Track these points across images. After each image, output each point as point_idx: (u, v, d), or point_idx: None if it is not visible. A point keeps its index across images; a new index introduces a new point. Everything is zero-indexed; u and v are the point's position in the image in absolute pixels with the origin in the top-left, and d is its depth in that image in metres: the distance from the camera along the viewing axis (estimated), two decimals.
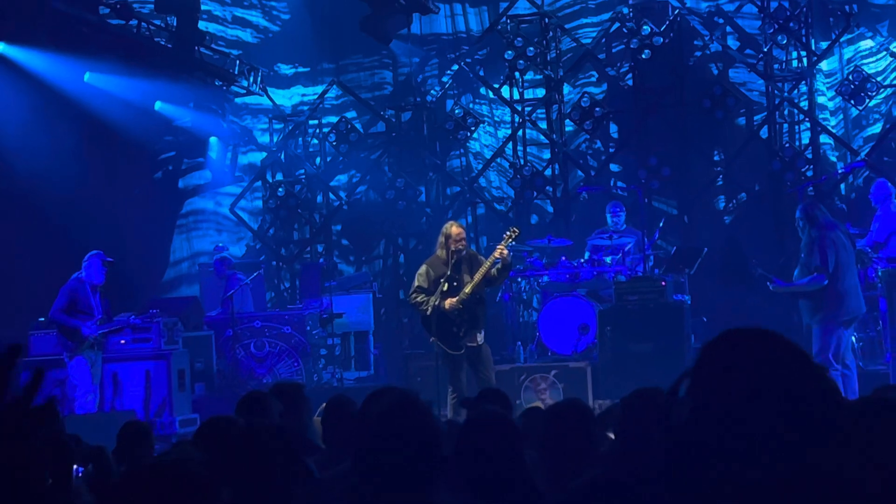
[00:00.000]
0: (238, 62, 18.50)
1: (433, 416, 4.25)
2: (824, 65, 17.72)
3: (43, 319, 14.35)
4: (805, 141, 17.70)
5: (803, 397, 2.26)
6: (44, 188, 16.11)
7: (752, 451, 2.22)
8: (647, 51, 17.48)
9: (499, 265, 11.91)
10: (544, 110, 18.64)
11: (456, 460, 4.40)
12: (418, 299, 11.99)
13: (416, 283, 12.09)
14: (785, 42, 17.42)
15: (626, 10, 18.02)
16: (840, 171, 17.46)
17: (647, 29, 17.48)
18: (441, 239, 12.04)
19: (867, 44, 17.58)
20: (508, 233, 12.23)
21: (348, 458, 4.46)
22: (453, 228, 12.06)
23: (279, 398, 6.60)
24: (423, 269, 12.13)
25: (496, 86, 18.71)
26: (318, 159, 19.55)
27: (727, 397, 2.26)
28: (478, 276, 11.84)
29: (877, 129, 17.56)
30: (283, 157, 19.55)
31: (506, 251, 11.89)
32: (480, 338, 11.98)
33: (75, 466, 5.82)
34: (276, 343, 16.21)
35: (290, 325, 16.28)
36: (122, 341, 14.48)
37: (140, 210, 18.60)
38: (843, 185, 17.65)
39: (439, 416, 10.33)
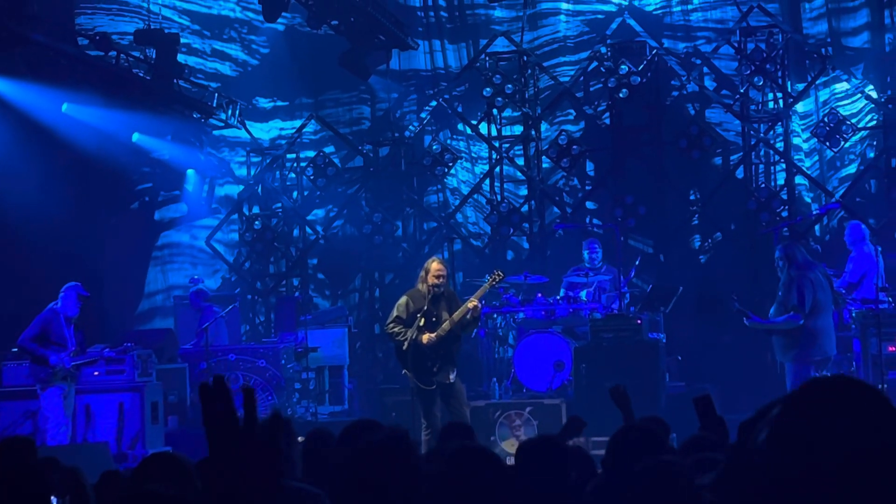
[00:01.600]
0: (216, 95, 18.51)
1: (416, 456, 4.21)
2: (800, 106, 17.86)
3: (16, 350, 14.25)
4: (780, 181, 17.81)
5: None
6: (20, 217, 16.06)
7: None
8: (624, 90, 17.56)
9: (468, 317, 11.96)
10: (522, 147, 18.70)
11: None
12: (395, 329, 12.00)
13: (394, 314, 12.09)
14: (761, 83, 17.55)
15: (604, 50, 18.12)
16: (815, 213, 17.58)
17: (624, 68, 17.57)
18: (422, 273, 12.09)
19: (843, 86, 17.74)
20: (493, 276, 12.29)
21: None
22: (433, 264, 12.09)
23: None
24: (403, 299, 12.14)
25: (474, 122, 18.77)
26: (295, 193, 19.54)
27: (811, 457, 2.16)
28: (458, 315, 11.89)
29: (851, 169, 17.69)
30: (260, 190, 19.53)
31: (479, 306, 11.98)
32: (453, 376, 11.97)
33: (53, 498, 5.78)
34: (251, 376, 16.13)
35: (265, 359, 16.22)
36: (96, 373, 14.40)
37: (116, 241, 18.55)
38: (817, 226, 17.76)
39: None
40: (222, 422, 2.28)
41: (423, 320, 11.86)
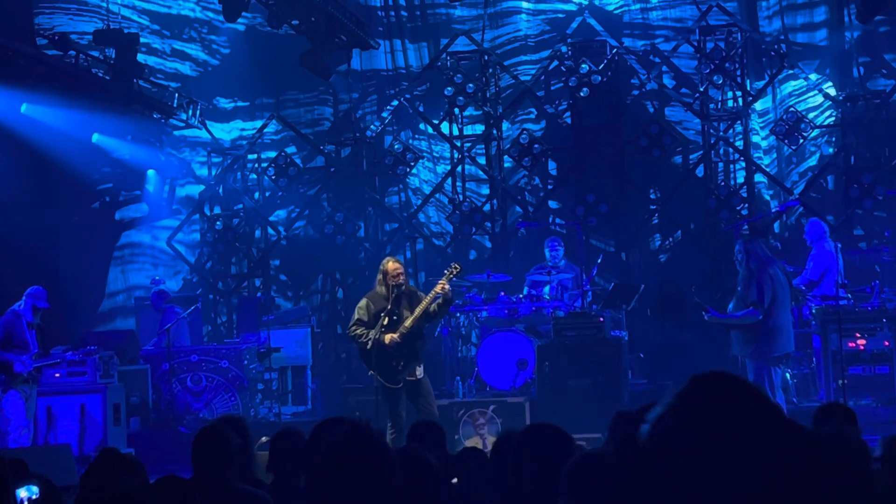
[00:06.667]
0: (177, 95, 18.44)
1: (386, 446, 4.24)
2: (758, 104, 17.99)
3: None
4: (740, 179, 17.92)
5: (777, 454, 2.25)
6: None
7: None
8: (585, 89, 17.64)
9: (439, 300, 11.92)
10: (483, 146, 18.74)
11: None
12: (358, 332, 11.97)
13: (356, 316, 12.06)
14: (721, 82, 17.66)
15: (564, 49, 18.18)
16: (774, 210, 17.69)
17: (585, 67, 17.65)
18: (379, 275, 12.05)
19: (799, 83, 17.86)
20: (450, 269, 12.25)
21: (297, 490, 4.44)
22: (390, 264, 12.06)
23: (236, 432, 6.54)
24: (363, 302, 12.11)
25: (436, 122, 18.79)
26: (256, 193, 19.50)
27: (699, 449, 2.24)
28: (418, 311, 11.85)
29: (812, 161, 17.81)
30: (221, 190, 19.47)
31: (447, 286, 11.91)
32: (420, 371, 11.96)
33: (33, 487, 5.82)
34: (213, 377, 16.09)
35: (228, 360, 16.18)
36: (57, 374, 14.31)
37: (77, 240, 18.44)
38: (777, 224, 17.88)
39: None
40: None
41: (386, 320, 11.86)
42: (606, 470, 4.03)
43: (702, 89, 17.72)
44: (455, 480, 6.00)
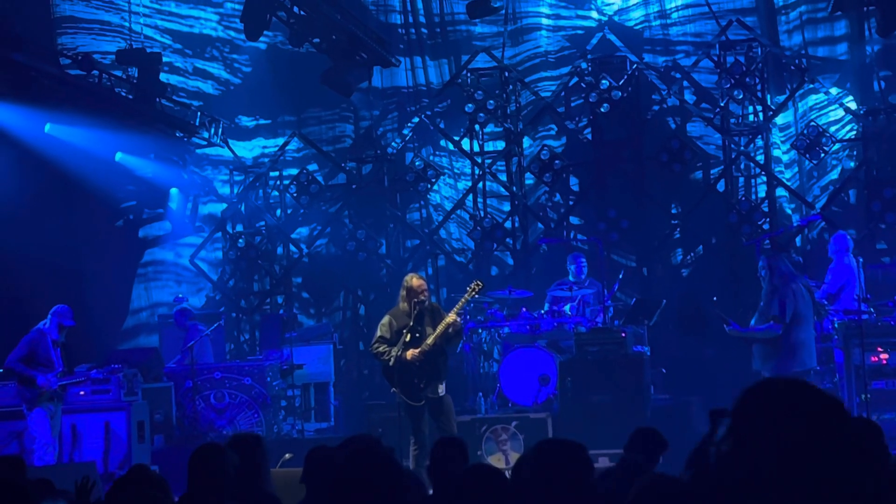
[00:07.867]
0: (199, 114, 18.56)
1: (396, 464, 4.27)
2: (779, 118, 17.97)
3: (2, 371, 14.24)
4: (761, 194, 17.90)
5: (840, 451, 2.29)
6: (4, 237, 16.05)
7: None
8: (605, 104, 17.66)
9: (450, 331, 11.93)
10: (504, 163, 18.78)
11: None
12: (380, 349, 11.99)
13: (378, 334, 12.09)
14: (741, 97, 17.65)
15: (584, 65, 18.21)
16: (796, 224, 17.67)
17: (605, 83, 17.67)
18: (402, 292, 12.06)
19: (820, 97, 17.85)
20: (472, 286, 12.28)
21: None
22: (414, 280, 12.08)
23: (235, 450, 6.57)
24: (385, 319, 12.13)
25: (456, 138, 18.84)
26: (278, 211, 19.58)
27: (768, 447, 2.28)
28: (440, 329, 11.88)
29: (834, 174, 17.78)
30: (243, 208, 19.55)
31: (458, 321, 11.94)
32: (442, 389, 11.97)
33: None
34: (237, 394, 16.14)
35: (251, 377, 16.24)
36: (81, 392, 14.39)
37: (101, 258, 18.55)
38: (798, 238, 17.85)
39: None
40: None
41: (408, 336, 11.88)
42: (678, 497, 4.04)
43: (722, 104, 17.72)
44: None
